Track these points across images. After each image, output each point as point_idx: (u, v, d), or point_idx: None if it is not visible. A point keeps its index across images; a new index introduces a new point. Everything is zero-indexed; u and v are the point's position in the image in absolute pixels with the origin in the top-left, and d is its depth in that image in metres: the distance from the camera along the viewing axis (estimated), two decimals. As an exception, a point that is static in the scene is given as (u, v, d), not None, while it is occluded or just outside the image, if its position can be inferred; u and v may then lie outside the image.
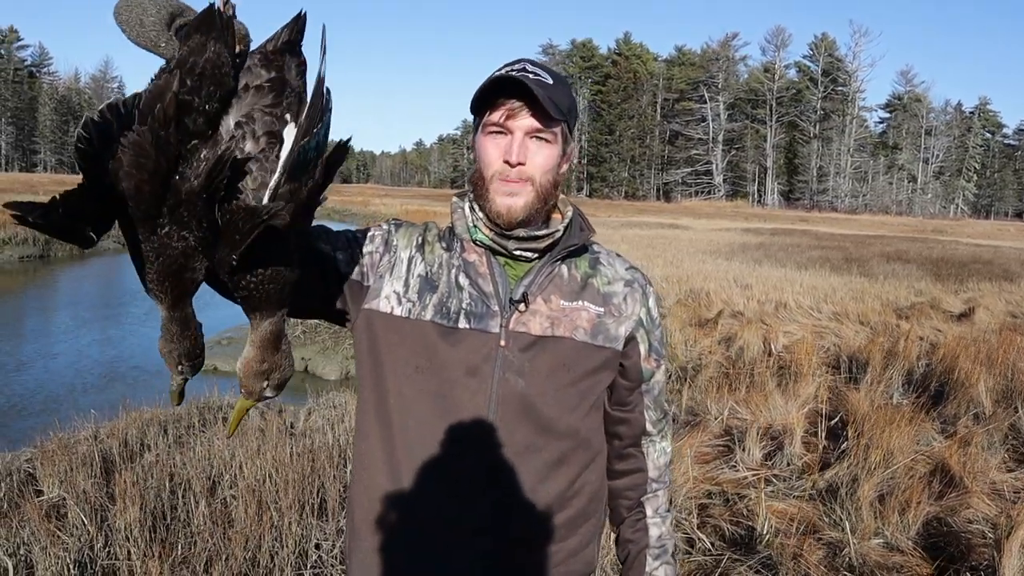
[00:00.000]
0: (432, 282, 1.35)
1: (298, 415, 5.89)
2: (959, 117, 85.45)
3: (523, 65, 1.31)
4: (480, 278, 1.35)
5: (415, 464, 1.32)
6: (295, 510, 3.73)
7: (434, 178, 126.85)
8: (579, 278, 1.39)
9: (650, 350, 1.43)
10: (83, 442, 4.86)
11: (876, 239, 27.29)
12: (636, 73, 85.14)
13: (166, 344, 1.09)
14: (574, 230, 1.40)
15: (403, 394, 1.33)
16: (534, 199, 1.31)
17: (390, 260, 1.38)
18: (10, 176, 59.14)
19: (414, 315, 1.33)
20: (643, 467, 1.49)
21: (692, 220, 38.76)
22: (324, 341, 10.14)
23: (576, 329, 1.35)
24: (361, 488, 1.39)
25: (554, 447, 1.34)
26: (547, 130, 1.30)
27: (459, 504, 1.31)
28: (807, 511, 4.05)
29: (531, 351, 1.32)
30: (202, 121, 0.99)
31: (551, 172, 1.33)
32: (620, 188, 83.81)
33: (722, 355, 8.10)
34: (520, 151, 1.29)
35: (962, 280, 14.28)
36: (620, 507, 1.51)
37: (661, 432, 1.49)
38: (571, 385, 1.34)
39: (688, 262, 16.05)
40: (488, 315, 1.32)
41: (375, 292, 1.36)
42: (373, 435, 1.36)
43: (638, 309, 1.41)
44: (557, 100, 1.28)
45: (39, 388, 8.59)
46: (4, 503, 3.92)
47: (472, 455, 1.31)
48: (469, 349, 1.31)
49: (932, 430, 5.34)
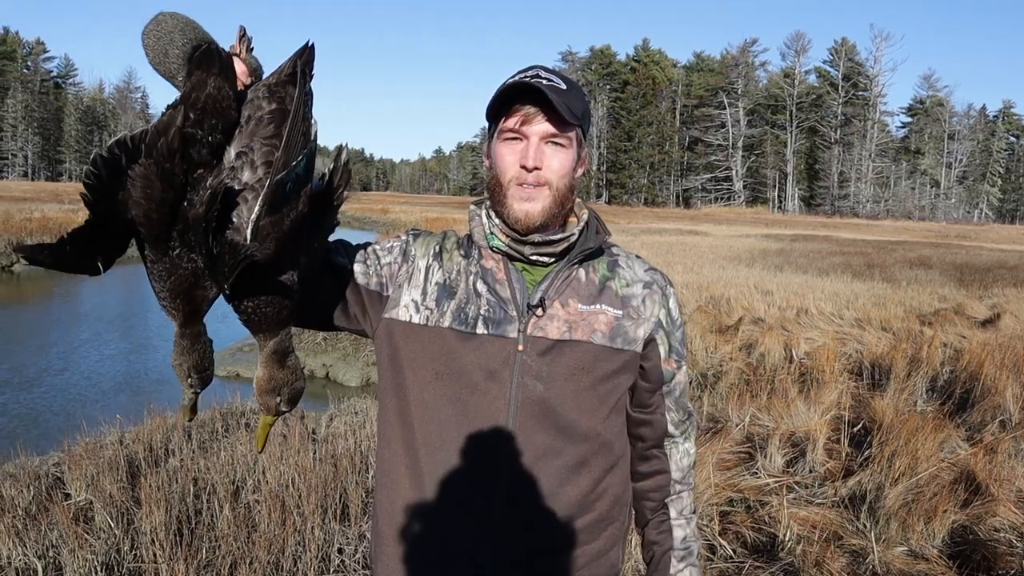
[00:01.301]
0: (450, 289, 1.37)
1: (320, 421, 5.93)
2: (983, 121, 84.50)
3: (536, 71, 1.32)
4: (498, 284, 1.36)
5: (437, 469, 1.34)
6: (318, 515, 3.75)
7: (453, 185, 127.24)
8: (597, 281, 1.40)
9: (670, 351, 1.43)
10: (109, 446, 4.92)
11: (898, 245, 27.03)
12: (655, 79, 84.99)
13: (177, 357, 1.15)
14: (590, 233, 1.41)
15: (424, 400, 1.34)
16: (551, 203, 1.33)
17: (408, 270, 1.40)
18: (36, 185, 60.07)
19: (432, 322, 1.35)
20: (666, 469, 1.49)
21: (712, 226, 38.58)
22: (345, 348, 10.18)
23: (594, 332, 1.35)
24: (385, 494, 1.40)
25: (574, 450, 1.34)
26: (562, 135, 1.32)
27: (481, 508, 1.32)
28: (830, 518, 4.02)
29: (549, 355, 1.33)
30: (206, 152, 1.05)
31: (567, 176, 1.34)
32: (639, 195, 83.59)
33: (743, 362, 8.05)
34: (536, 155, 1.31)
35: (987, 286, 14.11)
36: (644, 509, 1.51)
37: (684, 433, 1.49)
38: (590, 388, 1.34)
39: (708, 268, 15.98)
40: (506, 320, 1.33)
41: (394, 302, 1.38)
42: (396, 442, 1.38)
43: (657, 310, 1.41)
44: (571, 105, 1.30)
45: (64, 393, 8.71)
46: (33, 506, 3.98)
47: (492, 460, 1.32)
48: (487, 354, 1.32)
49: (957, 437, 5.29)
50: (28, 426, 7.17)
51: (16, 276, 18.69)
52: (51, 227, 22.01)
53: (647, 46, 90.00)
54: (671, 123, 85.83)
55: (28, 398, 8.44)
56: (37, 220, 23.31)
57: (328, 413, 6.22)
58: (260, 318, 1.14)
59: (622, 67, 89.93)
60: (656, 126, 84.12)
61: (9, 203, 30.05)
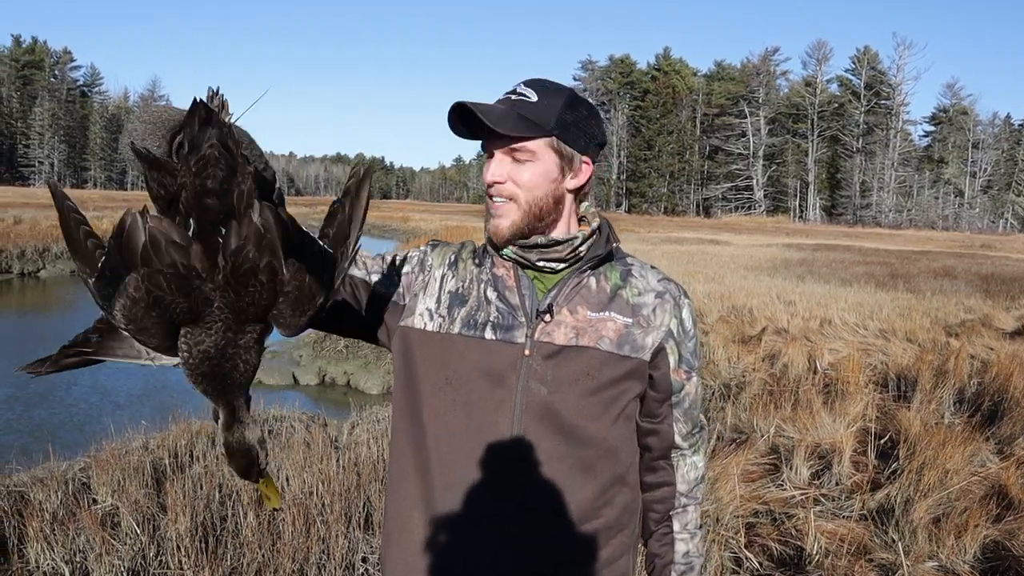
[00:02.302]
0: (462, 297, 1.39)
1: (342, 429, 5.95)
2: (1007, 130, 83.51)
3: (516, 86, 1.36)
4: (507, 291, 1.38)
5: (445, 475, 1.35)
6: (341, 523, 3.76)
7: (473, 194, 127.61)
8: (608, 289, 1.40)
9: (680, 361, 1.42)
10: (134, 452, 4.96)
11: (922, 255, 26.74)
12: (675, 88, 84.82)
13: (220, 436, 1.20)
14: (601, 241, 1.41)
15: (434, 407, 1.36)
16: (520, 218, 1.34)
17: (424, 279, 1.43)
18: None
19: (444, 329, 1.38)
20: (671, 480, 1.48)
21: (733, 236, 38.38)
22: (366, 356, 10.23)
23: (601, 339, 1.35)
24: (393, 499, 1.43)
25: (578, 454, 1.35)
26: (522, 149, 1.33)
27: (486, 511, 1.34)
28: (858, 532, 3.97)
29: (554, 360, 1.34)
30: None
31: (539, 189, 1.34)
32: (659, 204, 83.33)
33: (766, 372, 7.99)
34: (494, 171, 1.34)
35: (1014, 297, 13.90)
36: (648, 520, 1.51)
37: (693, 446, 1.48)
38: (594, 393, 1.35)
39: (730, 278, 15.89)
40: (514, 326, 1.35)
41: (410, 310, 1.42)
42: (408, 449, 1.40)
43: (668, 320, 1.41)
44: (534, 115, 1.31)
45: (89, 399, 8.80)
46: (61, 510, 4.01)
47: (498, 463, 1.33)
48: (494, 359, 1.34)
49: (987, 451, 5.21)
50: (56, 431, 7.24)
51: (42, 282, 18.93)
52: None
53: (668, 55, 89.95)
54: (691, 132, 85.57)
55: (54, 404, 8.54)
56: (63, 227, 23.57)
57: (350, 421, 6.24)
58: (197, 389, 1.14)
59: (642, 76, 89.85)
60: (676, 135, 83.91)
61: (36, 210, 30.47)
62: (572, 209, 1.41)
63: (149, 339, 1.05)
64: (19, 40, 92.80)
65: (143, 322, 1.01)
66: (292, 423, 6.16)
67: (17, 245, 19.89)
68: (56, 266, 20.14)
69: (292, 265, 1.04)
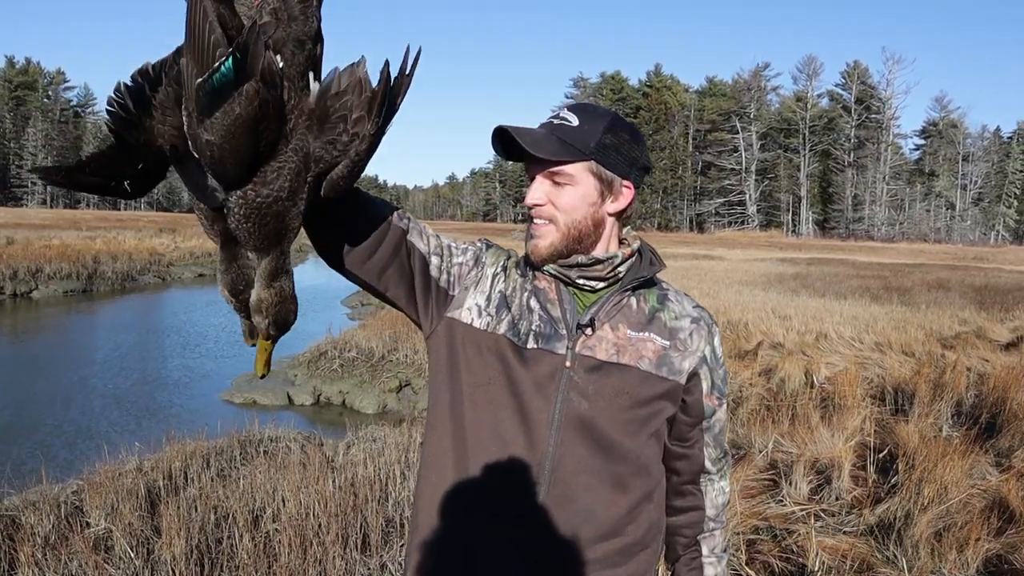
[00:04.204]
0: (508, 301, 1.40)
1: (338, 449, 5.90)
2: (997, 142, 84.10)
3: (557, 111, 1.38)
4: (549, 303, 1.39)
5: (481, 472, 1.36)
6: (338, 544, 3.71)
7: (467, 211, 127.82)
8: (647, 310, 1.42)
9: (712, 387, 1.45)
10: (128, 474, 4.91)
11: (916, 267, 26.83)
12: (667, 104, 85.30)
13: (218, 276, 1.20)
14: (644, 263, 1.43)
15: (476, 402, 1.37)
16: (559, 239, 1.36)
17: (477, 275, 1.43)
18: (55, 212, 60.79)
19: (491, 328, 1.38)
20: (701, 505, 1.50)
21: (726, 251, 38.46)
22: (361, 375, 10.18)
23: (641, 359, 1.37)
24: (427, 485, 1.42)
25: (613, 469, 1.36)
26: (560, 172, 1.34)
27: (516, 511, 1.34)
28: (859, 547, 3.94)
29: (596, 374, 1.35)
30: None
31: (578, 211, 1.36)
32: (653, 219, 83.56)
33: (763, 387, 7.97)
34: (534, 193, 1.37)
35: (1008, 308, 13.93)
36: (676, 544, 1.52)
37: (720, 471, 1.51)
38: (631, 411, 1.36)
39: (725, 293, 15.89)
40: (555, 337, 1.36)
41: (459, 302, 1.41)
42: (446, 437, 1.40)
43: (703, 346, 1.43)
44: (573, 139, 1.33)
45: (82, 421, 8.72)
46: (53, 535, 3.96)
47: (532, 470, 1.34)
48: (536, 367, 1.35)
49: (986, 463, 5.19)
50: (49, 453, 7.17)
51: (35, 303, 18.84)
52: (69, 254, 22.25)
53: (659, 71, 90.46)
54: (684, 148, 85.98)
55: (48, 425, 8.46)
56: (56, 247, 23.54)
57: (346, 441, 6.19)
58: (241, 233, 1.12)
59: (634, 92, 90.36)
60: (669, 151, 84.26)
61: (29, 230, 30.41)
62: (614, 232, 1.42)
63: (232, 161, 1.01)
64: (12, 61, 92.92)
65: (240, 138, 0.99)
66: (288, 443, 6.11)
67: (9, 266, 19.78)
68: (49, 287, 20.04)
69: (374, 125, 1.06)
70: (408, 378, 10.06)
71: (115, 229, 35.20)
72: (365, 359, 10.52)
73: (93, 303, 19.32)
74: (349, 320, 16.47)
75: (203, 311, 17.86)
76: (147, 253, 26.47)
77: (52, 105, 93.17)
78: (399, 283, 1.39)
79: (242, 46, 0.95)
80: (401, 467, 4.78)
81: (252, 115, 0.98)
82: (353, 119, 1.05)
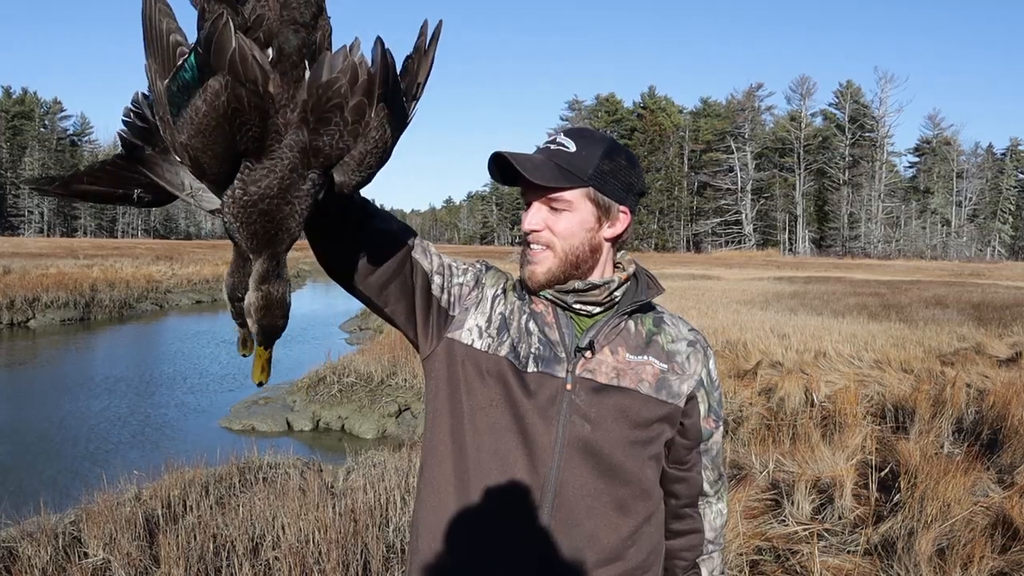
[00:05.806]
0: (508, 324, 1.39)
1: (337, 475, 5.87)
2: (990, 159, 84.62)
3: (555, 135, 1.38)
4: (547, 327, 1.39)
5: (483, 496, 1.35)
6: (339, 572, 3.68)
7: (464, 235, 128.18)
8: (644, 334, 1.42)
9: (709, 410, 1.46)
10: (127, 503, 4.88)
11: (913, 284, 26.87)
12: (662, 125, 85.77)
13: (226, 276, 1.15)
14: (641, 287, 1.44)
15: (476, 425, 1.36)
16: (556, 265, 1.36)
17: (477, 296, 1.42)
18: (52, 241, 60.81)
19: (492, 350, 1.37)
20: (700, 528, 1.50)
21: (724, 270, 38.53)
22: (360, 400, 10.14)
23: (641, 382, 1.37)
24: (428, 509, 1.40)
25: (616, 492, 1.35)
26: (558, 199, 1.34)
27: (519, 536, 1.33)
28: (864, 567, 3.92)
29: (597, 397, 1.35)
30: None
31: (576, 237, 1.36)
32: (649, 240, 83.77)
33: (763, 406, 7.96)
34: (531, 219, 1.36)
35: (1006, 324, 13.94)
36: (676, 567, 1.52)
37: (718, 493, 1.51)
38: (633, 433, 1.36)
39: (722, 312, 15.90)
40: (555, 360, 1.36)
41: (459, 323, 1.40)
42: (446, 461, 1.38)
43: (700, 369, 1.44)
44: (571, 165, 1.32)
45: (80, 449, 8.67)
46: (51, 566, 3.93)
47: (537, 492, 1.33)
48: (538, 391, 1.34)
49: (988, 480, 5.17)
50: (46, 482, 7.12)
51: (32, 332, 18.79)
52: (67, 282, 22.22)
53: (653, 93, 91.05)
54: (679, 168, 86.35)
55: (46, 455, 8.41)
56: (53, 275, 23.52)
57: (346, 466, 6.16)
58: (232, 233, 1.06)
59: (628, 114, 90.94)
60: (664, 172, 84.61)
61: (26, 259, 30.41)
62: (609, 257, 1.42)
63: (208, 161, 0.95)
64: (8, 91, 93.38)
65: (211, 136, 0.93)
66: (287, 470, 6.07)
67: (6, 295, 19.75)
68: (46, 316, 20.00)
69: (380, 111, 0.98)
70: (407, 403, 10.03)
71: (112, 257, 35.25)
72: (364, 384, 10.49)
73: (91, 331, 19.26)
74: (347, 345, 16.42)
75: (200, 338, 17.83)
76: (144, 280, 26.43)
77: (49, 134, 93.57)
78: (400, 299, 1.37)
79: (205, 40, 0.90)
80: (401, 492, 4.75)
81: (222, 111, 0.92)
82: (351, 107, 0.97)
